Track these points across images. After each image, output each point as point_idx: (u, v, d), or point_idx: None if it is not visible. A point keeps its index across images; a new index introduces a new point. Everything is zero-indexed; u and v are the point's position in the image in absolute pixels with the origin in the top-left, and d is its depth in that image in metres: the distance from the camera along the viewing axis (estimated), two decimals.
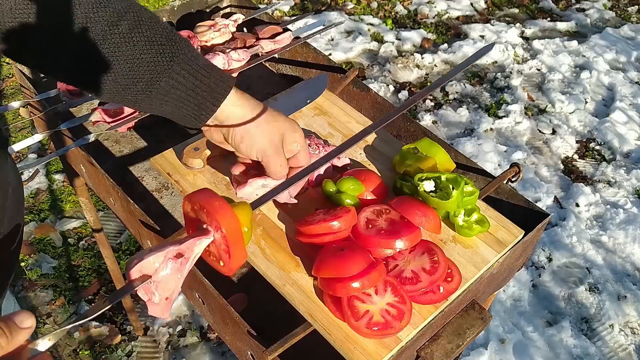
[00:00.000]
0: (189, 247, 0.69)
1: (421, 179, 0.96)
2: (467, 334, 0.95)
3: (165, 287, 0.67)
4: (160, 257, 0.66)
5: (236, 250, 0.71)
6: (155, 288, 0.67)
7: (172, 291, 0.68)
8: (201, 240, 0.70)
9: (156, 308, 0.69)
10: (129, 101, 0.81)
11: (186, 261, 0.68)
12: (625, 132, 3.11)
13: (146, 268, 0.65)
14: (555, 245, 2.53)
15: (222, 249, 0.72)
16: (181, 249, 0.68)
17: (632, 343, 2.25)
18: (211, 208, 0.69)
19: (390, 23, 3.86)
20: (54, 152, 1.18)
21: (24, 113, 2.97)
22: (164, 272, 0.66)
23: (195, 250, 0.70)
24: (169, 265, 0.67)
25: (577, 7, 4.17)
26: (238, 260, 0.72)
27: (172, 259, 0.67)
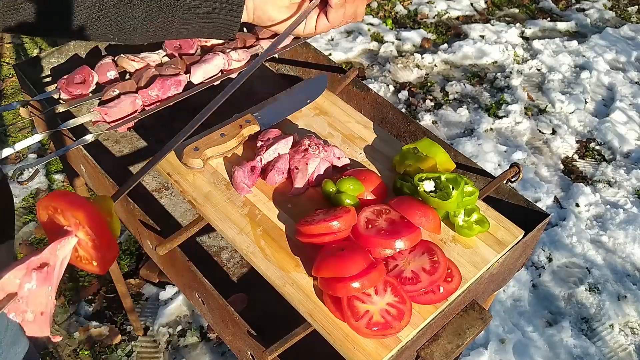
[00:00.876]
0: (51, 252, 0.63)
1: (421, 179, 0.96)
2: (467, 334, 0.95)
3: (36, 301, 0.62)
4: (22, 270, 0.60)
5: (104, 242, 0.66)
6: (26, 305, 0.61)
7: (45, 305, 0.62)
8: (63, 242, 0.64)
9: (33, 326, 0.63)
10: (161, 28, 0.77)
11: (52, 269, 0.63)
12: (625, 132, 3.11)
13: (8, 286, 0.60)
14: (555, 245, 2.53)
15: (89, 246, 0.67)
16: (43, 257, 0.62)
17: (632, 343, 2.25)
18: (66, 205, 0.64)
19: (390, 23, 3.86)
20: (54, 152, 1.18)
21: (24, 113, 2.97)
22: (30, 285, 0.61)
23: (60, 254, 0.64)
24: (33, 278, 0.61)
25: (577, 7, 4.17)
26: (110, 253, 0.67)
27: (36, 270, 0.61)
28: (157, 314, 2.21)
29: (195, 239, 1.33)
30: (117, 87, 1.20)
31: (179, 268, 1.06)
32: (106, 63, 1.25)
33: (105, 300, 2.27)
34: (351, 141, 1.15)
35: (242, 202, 1.03)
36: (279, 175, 1.05)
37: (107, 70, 1.25)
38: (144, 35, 0.76)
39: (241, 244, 0.96)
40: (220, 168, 1.08)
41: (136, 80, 1.23)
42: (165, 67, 1.23)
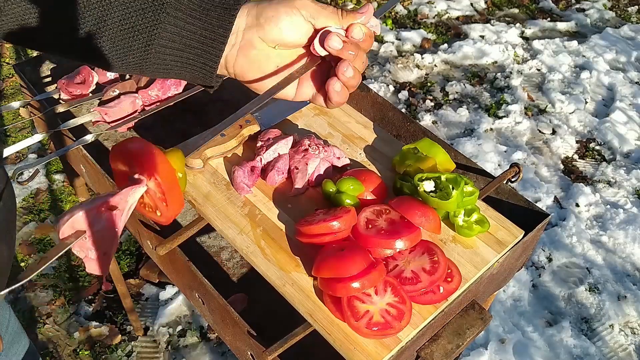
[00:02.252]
0: (122, 198, 0.65)
1: (421, 179, 0.97)
2: (467, 334, 0.95)
3: (102, 242, 0.64)
4: (93, 210, 0.63)
5: (172, 196, 0.67)
6: (91, 243, 0.64)
7: (109, 246, 0.65)
8: (134, 189, 0.66)
9: (93, 264, 0.66)
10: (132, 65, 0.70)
11: (120, 213, 0.65)
12: (625, 132, 3.11)
13: (78, 223, 0.62)
14: (555, 245, 2.53)
15: (157, 197, 0.68)
16: (114, 201, 0.65)
17: (632, 343, 2.25)
18: (142, 156, 0.66)
19: (390, 23, 3.86)
20: (54, 152, 1.18)
21: (24, 113, 2.97)
22: (99, 226, 0.63)
23: (129, 200, 0.66)
24: (102, 219, 0.64)
25: (577, 7, 4.17)
26: (175, 207, 0.69)
27: (106, 212, 0.64)
28: (157, 314, 2.21)
29: (195, 239, 1.33)
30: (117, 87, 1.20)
31: (179, 268, 1.06)
32: None
33: (105, 300, 2.27)
34: (351, 141, 1.15)
35: (242, 202, 1.03)
36: (279, 175, 1.05)
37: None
38: (119, 67, 0.72)
39: (241, 244, 0.96)
40: (220, 168, 1.08)
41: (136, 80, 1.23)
42: None
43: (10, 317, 1.05)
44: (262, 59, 0.72)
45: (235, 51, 0.71)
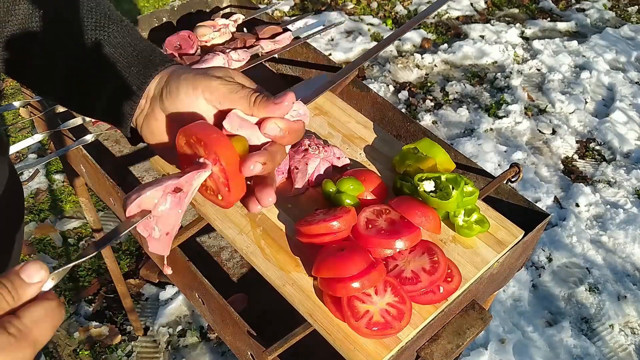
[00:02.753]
0: (187, 180, 0.66)
1: (421, 179, 0.96)
2: (467, 334, 0.95)
3: (166, 222, 0.66)
4: (159, 191, 0.64)
5: (235, 182, 0.68)
6: (155, 223, 0.65)
7: (172, 226, 0.67)
8: (199, 173, 0.67)
9: (157, 244, 0.67)
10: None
11: (185, 195, 0.67)
12: (625, 132, 3.11)
13: (145, 203, 0.63)
14: (555, 245, 2.53)
15: (220, 182, 0.69)
16: (179, 183, 0.66)
17: (632, 343, 2.25)
18: (208, 140, 0.66)
19: (390, 23, 3.86)
20: (54, 152, 1.18)
21: (24, 113, 2.97)
22: (164, 207, 0.65)
23: (194, 184, 0.67)
24: (168, 200, 0.65)
25: (577, 7, 4.17)
26: (237, 192, 0.69)
27: (171, 194, 0.65)
28: (157, 314, 2.21)
29: (195, 239, 1.33)
30: None
31: (179, 268, 1.06)
32: None
33: (105, 300, 2.27)
34: (351, 141, 1.15)
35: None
36: (279, 176, 1.05)
37: None
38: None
39: (241, 244, 0.96)
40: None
41: None
42: None
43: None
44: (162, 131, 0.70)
45: (142, 118, 0.70)
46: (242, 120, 0.69)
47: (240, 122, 0.69)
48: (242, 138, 0.70)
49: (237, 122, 0.69)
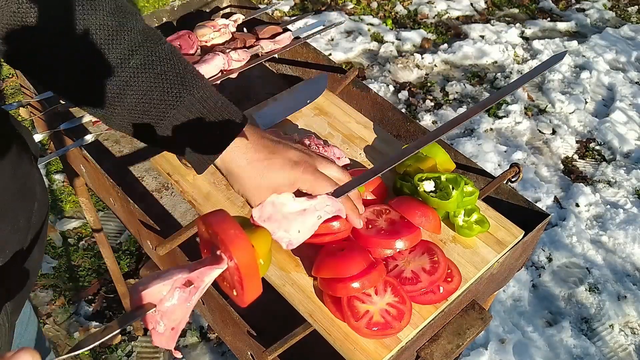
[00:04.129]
0: (200, 276, 0.64)
1: (421, 179, 0.96)
2: (467, 334, 0.95)
3: (171, 317, 0.62)
4: (168, 285, 0.61)
5: (250, 283, 0.65)
6: (161, 317, 0.62)
7: (178, 321, 0.63)
8: (213, 269, 0.65)
9: (161, 338, 0.64)
10: (135, 134, 0.79)
11: (195, 290, 0.63)
12: (625, 132, 3.11)
13: (151, 296, 0.61)
14: (555, 245, 2.53)
15: (235, 279, 0.67)
16: (191, 277, 0.63)
17: (632, 343, 2.25)
18: (225, 236, 0.64)
19: (390, 23, 3.86)
20: (54, 152, 1.18)
21: (24, 113, 2.97)
22: (171, 302, 0.62)
23: (206, 280, 0.64)
24: (176, 295, 0.62)
25: (577, 7, 4.17)
26: (252, 293, 0.66)
27: (180, 288, 0.62)
28: None
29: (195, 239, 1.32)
30: None
31: None
32: None
33: (105, 300, 2.27)
34: (351, 141, 1.15)
35: (242, 202, 1.03)
36: None
37: None
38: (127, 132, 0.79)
39: None
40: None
41: None
42: None
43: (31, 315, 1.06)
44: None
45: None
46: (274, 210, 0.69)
47: (272, 212, 0.69)
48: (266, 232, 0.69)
49: (268, 212, 0.68)
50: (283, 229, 0.70)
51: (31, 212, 0.84)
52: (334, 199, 0.72)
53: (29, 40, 0.71)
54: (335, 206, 0.72)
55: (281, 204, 0.71)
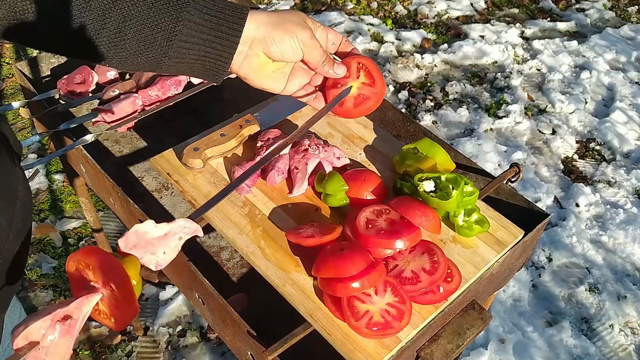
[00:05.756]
0: (77, 307, 0.66)
1: (421, 179, 0.96)
2: (467, 334, 0.95)
3: (55, 351, 0.65)
4: (47, 321, 0.63)
5: (127, 304, 0.69)
6: (45, 354, 0.64)
7: (62, 355, 0.66)
8: (89, 298, 0.67)
9: None
10: (151, 62, 0.79)
11: (75, 322, 0.66)
12: (625, 132, 3.11)
13: (33, 334, 0.63)
14: (555, 245, 2.53)
15: (112, 304, 0.70)
16: (68, 311, 0.66)
17: (632, 343, 2.25)
18: (97, 264, 0.68)
19: (390, 23, 3.86)
20: (54, 152, 1.18)
21: (24, 113, 2.97)
22: (52, 337, 0.64)
23: (84, 310, 0.67)
24: (57, 329, 0.64)
25: (577, 7, 4.17)
26: (129, 314, 0.70)
27: (60, 322, 0.65)
28: (157, 314, 2.21)
29: (195, 239, 1.33)
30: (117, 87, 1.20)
31: (179, 268, 1.06)
32: None
33: None
34: (351, 141, 1.15)
35: (242, 202, 1.03)
36: (279, 175, 1.05)
37: (107, 70, 1.25)
38: (135, 66, 0.79)
39: (241, 244, 0.96)
40: (220, 168, 1.08)
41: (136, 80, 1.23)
42: None
43: (21, 315, 1.06)
44: (262, 66, 0.86)
45: (242, 58, 0.83)
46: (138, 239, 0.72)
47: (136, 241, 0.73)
48: (134, 258, 0.73)
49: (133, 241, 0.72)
50: (149, 253, 0.75)
51: (13, 211, 0.84)
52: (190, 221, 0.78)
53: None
54: (192, 227, 0.78)
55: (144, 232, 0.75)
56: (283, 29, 0.83)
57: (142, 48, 0.76)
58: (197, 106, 1.50)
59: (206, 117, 1.49)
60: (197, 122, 1.47)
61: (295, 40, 0.84)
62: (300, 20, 0.85)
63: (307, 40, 0.85)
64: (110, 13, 0.73)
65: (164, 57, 0.78)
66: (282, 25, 0.83)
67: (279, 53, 0.84)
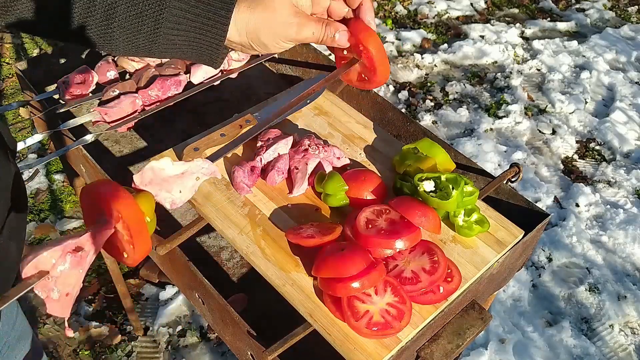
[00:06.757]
0: (89, 239, 0.66)
1: (421, 179, 0.96)
2: (467, 334, 0.95)
3: (65, 282, 0.64)
4: (58, 251, 0.63)
5: (140, 240, 0.68)
6: (54, 284, 0.64)
7: (72, 286, 0.65)
8: (101, 231, 0.67)
9: (55, 305, 0.65)
10: (142, 47, 0.76)
11: (86, 254, 0.66)
12: (625, 132, 3.11)
13: (42, 264, 0.62)
14: (555, 245, 2.53)
15: (124, 240, 0.69)
16: (80, 242, 0.65)
17: (632, 343, 2.25)
18: (111, 198, 0.67)
19: (390, 23, 3.86)
20: (54, 152, 1.18)
21: (24, 113, 2.97)
22: (63, 267, 0.64)
23: (96, 242, 0.67)
24: (67, 260, 0.64)
25: (577, 7, 4.17)
26: (142, 250, 0.70)
27: (71, 253, 0.64)
28: (157, 314, 2.21)
29: (195, 239, 1.33)
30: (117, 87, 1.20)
31: (179, 268, 1.06)
32: (106, 63, 1.25)
33: (105, 300, 2.27)
34: (351, 141, 1.15)
35: (242, 202, 1.03)
36: (279, 175, 1.05)
37: (107, 70, 1.25)
38: (128, 49, 0.77)
39: (241, 244, 0.96)
40: (220, 168, 1.08)
41: (136, 80, 1.23)
42: (165, 67, 1.23)
43: (18, 315, 1.06)
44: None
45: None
46: (154, 175, 0.72)
47: (152, 177, 0.72)
48: (148, 194, 0.72)
49: (149, 177, 0.71)
50: (165, 190, 0.74)
51: (6, 205, 0.84)
52: (208, 162, 0.77)
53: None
54: (210, 169, 0.77)
55: (160, 169, 0.74)
56: (265, 36, 0.78)
57: (130, 37, 0.74)
58: (197, 106, 1.50)
59: (206, 117, 1.49)
60: (197, 122, 1.47)
61: (280, 43, 0.80)
62: (284, 18, 0.79)
63: (294, 36, 0.80)
64: (96, 2, 0.71)
65: (153, 44, 0.76)
66: (263, 32, 0.78)
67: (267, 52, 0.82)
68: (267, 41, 0.79)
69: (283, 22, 0.78)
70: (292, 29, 0.79)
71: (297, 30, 0.80)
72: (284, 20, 0.78)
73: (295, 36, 0.80)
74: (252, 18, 0.77)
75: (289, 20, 0.79)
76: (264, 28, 0.78)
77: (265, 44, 0.79)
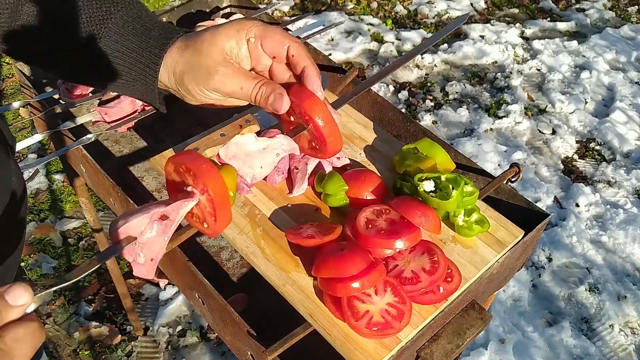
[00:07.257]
0: (175, 209, 0.68)
1: (421, 179, 0.96)
2: (467, 334, 0.95)
3: (151, 248, 0.67)
4: (146, 219, 0.66)
5: (222, 212, 0.70)
6: (141, 249, 0.67)
7: (157, 252, 0.68)
8: (187, 202, 0.69)
9: (141, 269, 0.69)
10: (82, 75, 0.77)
11: (171, 223, 0.68)
12: (625, 132, 3.11)
13: (132, 230, 0.65)
14: (555, 245, 2.53)
15: (207, 211, 0.71)
16: (166, 211, 0.68)
17: (632, 343, 2.25)
18: (198, 170, 0.68)
19: (390, 23, 3.86)
20: (54, 152, 1.18)
21: (24, 113, 2.97)
22: (150, 234, 0.66)
23: (181, 212, 0.69)
24: (154, 227, 0.67)
25: (577, 7, 4.17)
26: (224, 222, 0.72)
27: (158, 221, 0.67)
28: (157, 314, 2.21)
29: (195, 239, 1.33)
30: None
31: (179, 268, 1.06)
32: None
33: (105, 300, 2.27)
34: (351, 141, 1.15)
35: (242, 202, 1.03)
36: (279, 175, 1.05)
37: None
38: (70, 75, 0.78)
39: (241, 244, 0.96)
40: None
41: None
42: None
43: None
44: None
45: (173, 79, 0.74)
46: (238, 150, 0.74)
47: (236, 152, 0.74)
48: (232, 169, 0.74)
49: (233, 151, 0.72)
50: (247, 165, 0.76)
51: (5, 202, 0.84)
52: (289, 139, 0.79)
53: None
54: (291, 145, 0.79)
55: (244, 144, 0.77)
56: (189, 81, 0.72)
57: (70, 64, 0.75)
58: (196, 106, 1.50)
59: (206, 117, 1.49)
60: (197, 122, 1.47)
61: (204, 92, 0.72)
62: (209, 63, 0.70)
63: (217, 86, 0.71)
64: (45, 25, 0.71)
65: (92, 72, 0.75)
66: (187, 76, 0.72)
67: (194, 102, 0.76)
68: (191, 87, 0.72)
69: (207, 67, 0.70)
70: (215, 77, 0.70)
71: (222, 80, 0.71)
72: (208, 66, 0.70)
73: (218, 86, 0.71)
74: (180, 60, 0.71)
75: (214, 67, 0.70)
76: (189, 72, 0.71)
77: (189, 90, 0.72)
